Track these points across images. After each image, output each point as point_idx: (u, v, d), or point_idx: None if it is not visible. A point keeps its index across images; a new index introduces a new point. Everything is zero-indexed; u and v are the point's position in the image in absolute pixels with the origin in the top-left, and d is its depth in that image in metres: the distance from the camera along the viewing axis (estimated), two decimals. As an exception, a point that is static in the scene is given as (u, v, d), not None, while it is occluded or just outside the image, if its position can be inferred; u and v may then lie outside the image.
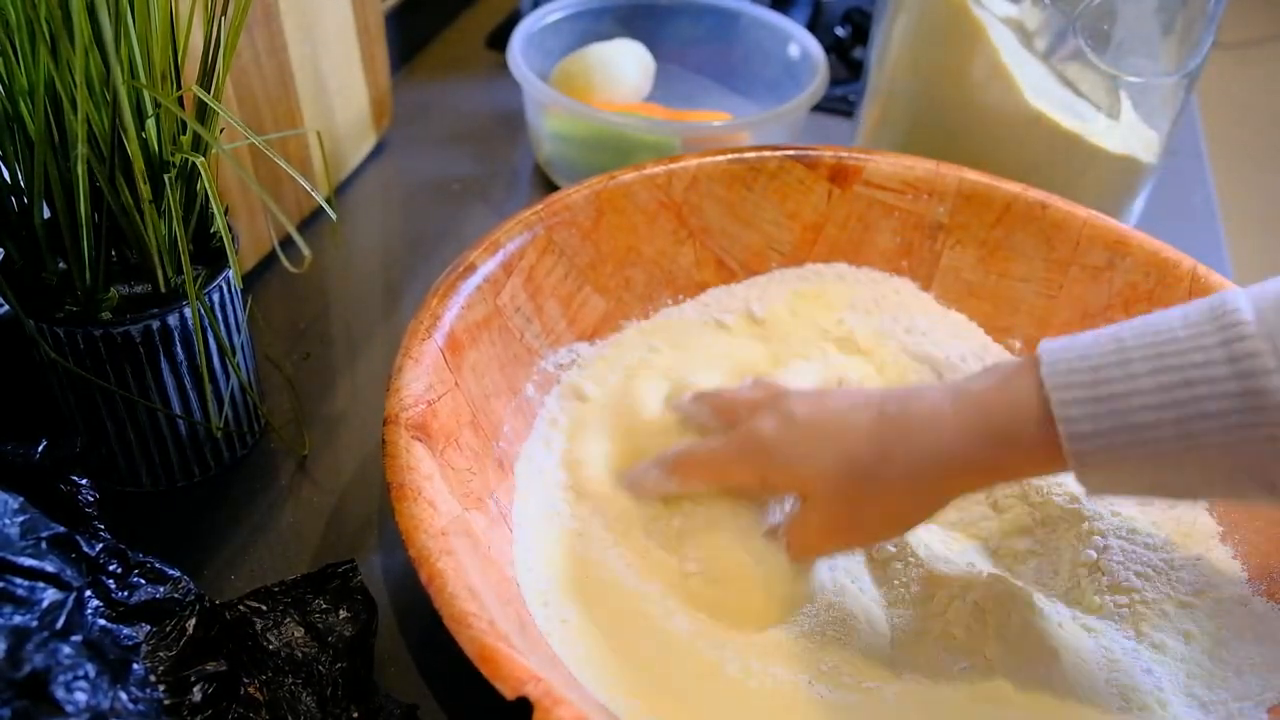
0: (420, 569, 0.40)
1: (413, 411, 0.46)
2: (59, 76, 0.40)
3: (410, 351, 0.48)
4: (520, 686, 0.36)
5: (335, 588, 0.44)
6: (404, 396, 0.46)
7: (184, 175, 0.46)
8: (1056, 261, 0.61)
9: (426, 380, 0.48)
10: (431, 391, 0.47)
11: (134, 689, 0.37)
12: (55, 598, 0.36)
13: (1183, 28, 0.65)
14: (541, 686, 0.36)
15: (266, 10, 0.62)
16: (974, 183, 0.62)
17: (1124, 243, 0.59)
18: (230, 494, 0.54)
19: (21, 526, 0.37)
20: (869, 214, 0.64)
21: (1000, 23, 0.67)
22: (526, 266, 0.56)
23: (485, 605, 0.39)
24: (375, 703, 0.42)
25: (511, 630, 0.39)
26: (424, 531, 0.41)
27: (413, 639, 0.48)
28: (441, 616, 0.38)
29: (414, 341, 0.49)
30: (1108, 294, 0.59)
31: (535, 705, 0.35)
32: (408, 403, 0.46)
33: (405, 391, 0.46)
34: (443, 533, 0.42)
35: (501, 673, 0.36)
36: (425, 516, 0.42)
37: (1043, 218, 0.61)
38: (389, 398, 0.46)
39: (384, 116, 0.80)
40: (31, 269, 0.47)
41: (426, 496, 0.43)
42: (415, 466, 0.44)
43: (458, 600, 0.39)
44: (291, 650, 0.42)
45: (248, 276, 0.66)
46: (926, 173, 0.63)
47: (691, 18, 0.85)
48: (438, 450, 0.46)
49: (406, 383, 0.47)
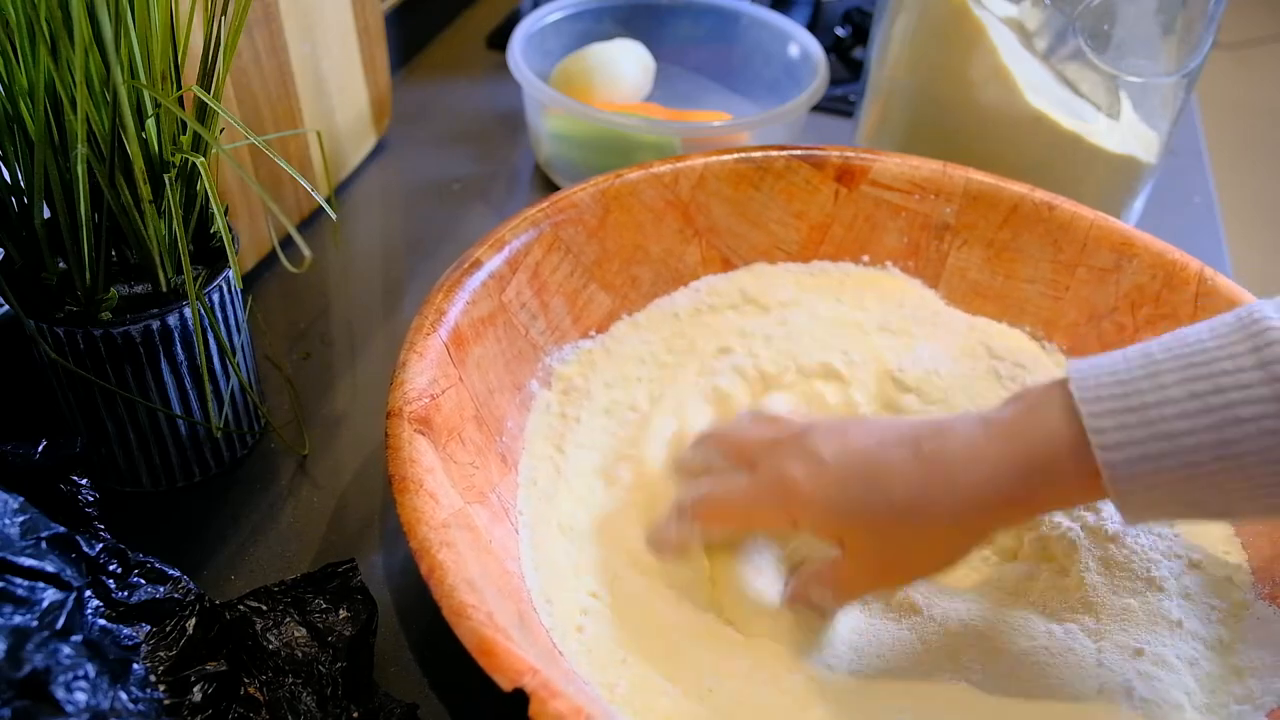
0: (420, 561, 0.40)
1: (416, 405, 0.46)
2: (59, 76, 0.40)
3: (415, 346, 0.48)
4: (518, 678, 0.36)
5: (335, 587, 0.44)
6: (407, 390, 0.46)
7: (184, 175, 0.46)
8: (1063, 263, 0.61)
9: (430, 374, 0.48)
10: (435, 386, 0.48)
11: (134, 689, 0.37)
12: (55, 598, 0.36)
13: (1183, 28, 0.65)
14: (538, 678, 0.36)
15: (266, 10, 0.62)
16: (981, 183, 0.62)
17: (1130, 244, 0.59)
18: (230, 494, 0.54)
19: (21, 526, 0.37)
20: (876, 214, 0.64)
21: (1000, 23, 0.67)
22: (532, 263, 0.56)
23: (485, 598, 0.39)
24: (375, 703, 0.42)
25: (510, 623, 0.39)
26: (425, 524, 0.41)
27: (413, 638, 0.48)
28: (441, 608, 0.39)
29: (418, 336, 0.49)
30: (1114, 295, 0.59)
31: (531, 697, 0.35)
32: (411, 396, 0.46)
33: (409, 385, 0.47)
34: (444, 525, 0.42)
35: (499, 664, 0.36)
36: (427, 509, 0.42)
37: (1050, 219, 0.61)
38: (392, 391, 0.46)
39: (384, 116, 0.80)
40: (31, 269, 0.47)
41: (428, 489, 0.43)
42: (417, 460, 0.44)
43: (457, 592, 0.39)
44: (291, 650, 0.42)
45: (248, 276, 0.66)
46: (933, 173, 0.63)
47: (691, 18, 0.85)
48: (440, 444, 0.46)
49: (410, 376, 0.47)
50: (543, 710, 0.35)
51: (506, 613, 0.40)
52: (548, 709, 0.35)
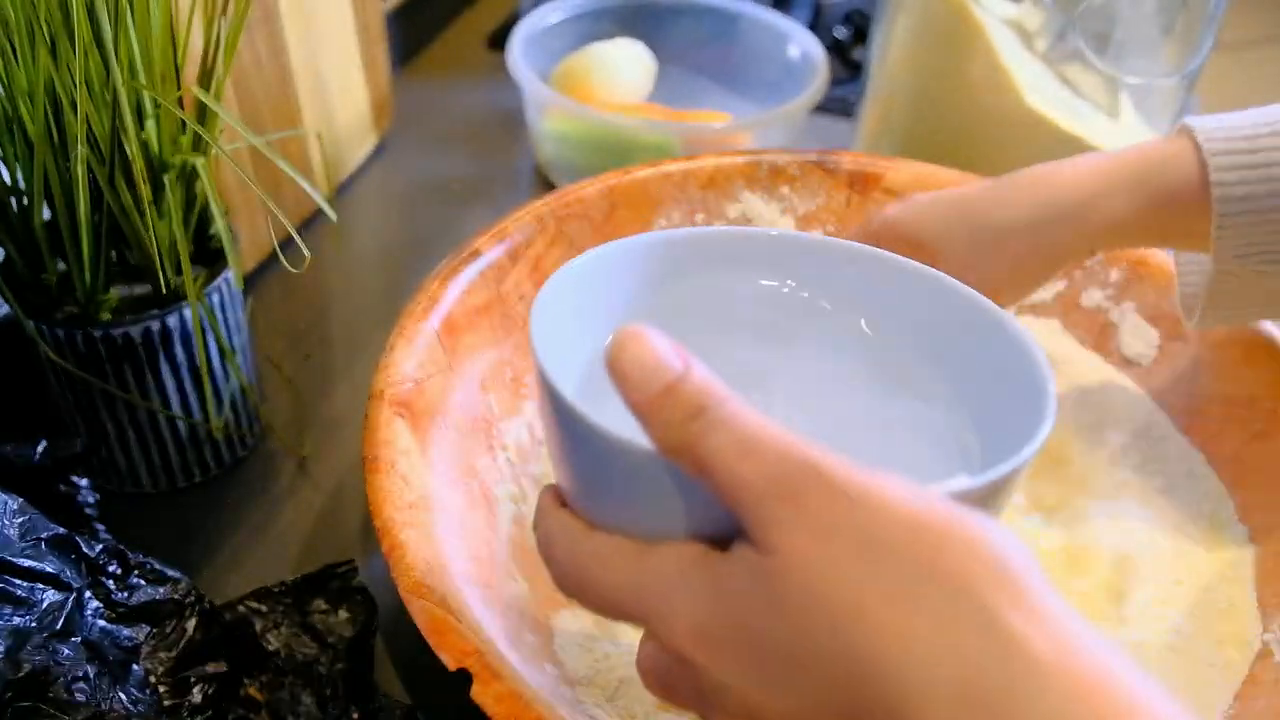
0: (382, 540, 0.41)
1: (399, 389, 0.46)
2: (59, 77, 0.40)
3: (404, 331, 0.49)
4: (462, 658, 0.37)
5: (335, 588, 0.44)
6: (392, 374, 0.47)
7: (184, 176, 0.46)
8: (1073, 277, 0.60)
9: (417, 359, 0.48)
10: (421, 370, 0.48)
11: (134, 690, 0.37)
12: (55, 598, 0.36)
13: (1183, 29, 0.65)
14: (482, 660, 0.37)
15: (266, 11, 0.62)
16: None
17: (1144, 263, 0.58)
18: (230, 495, 0.54)
19: (21, 527, 0.38)
20: None
21: (1000, 23, 0.67)
22: (534, 255, 0.56)
23: (442, 580, 0.40)
24: (375, 703, 0.42)
25: (469, 605, 0.40)
26: (391, 504, 0.42)
27: (413, 639, 0.48)
28: (397, 586, 0.39)
29: (408, 321, 0.50)
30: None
31: (475, 677, 0.36)
32: (395, 380, 0.47)
33: (394, 369, 0.47)
34: (410, 506, 0.42)
35: (445, 643, 0.37)
36: (395, 490, 0.42)
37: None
38: (376, 373, 0.47)
39: (384, 117, 0.80)
40: (31, 270, 0.47)
41: (400, 471, 0.43)
42: (392, 441, 0.44)
43: (413, 571, 0.40)
44: (291, 651, 0.42)
45: (248, 277, 0.66)
46: (950, 182, 0.62)
47: (692, 18, 0.85)
48: (419, 428, 0.46)
49: (396, 361, 0.48)
50: (484, 690, 0.36)
51: (469, 595, 0.41)
52: (489, 689, 0.36)
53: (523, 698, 0.36)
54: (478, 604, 0.41)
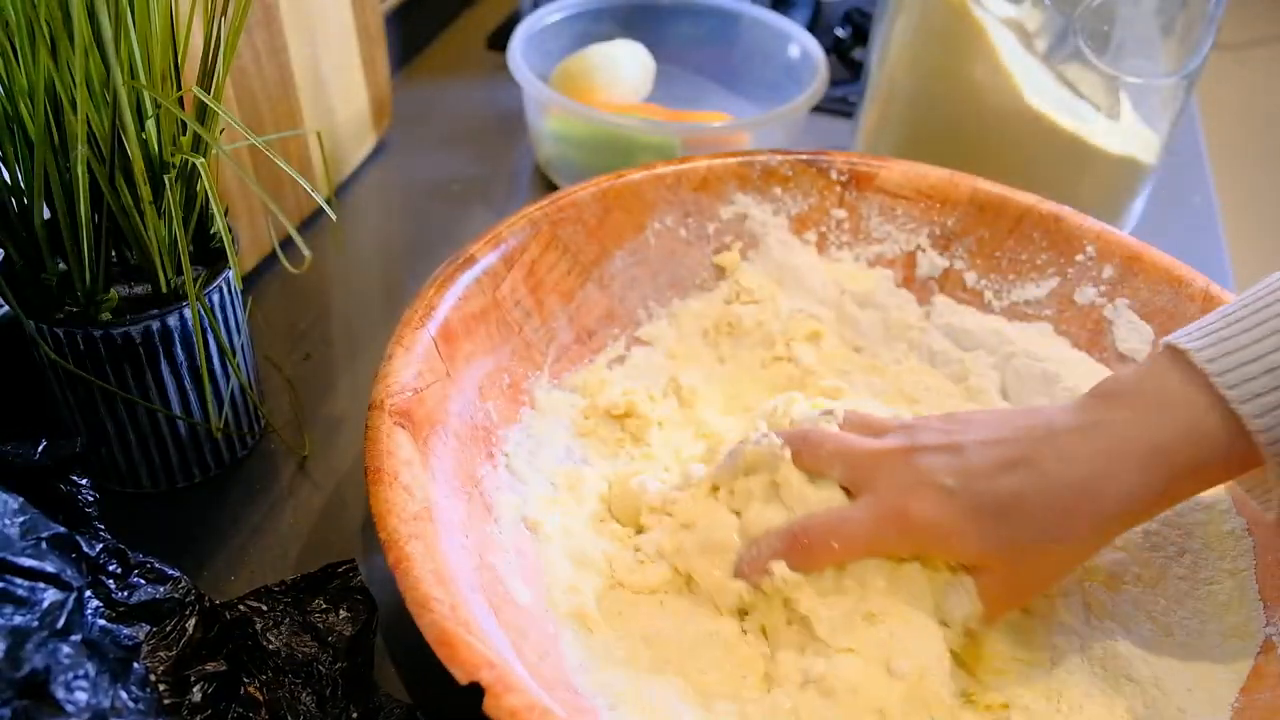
0: (388, 552, 0.41)
1: (398, 398, 0.46)
2: (59, 77, 0.40)
3: (402, 339, 0.49)
4: (474, 672, 0.36)
5: (335, 588, 0.44)
6: (391, 383, 0.47)
7: (184, 176, 0.46)
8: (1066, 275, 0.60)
9: (416, 368, 0.48)
10: (420, 379, 0.48)
11: (134, 689, 0.37)
12: (55, 598, 0.36)
13: (1182, 29, 0.65)
14: (495, 673, 0.36)
15: (266, 11, 0.62)
16: (987, 193, 0.61)
17: (1138, 259, 0.58)
18: (230, 495, 0.54)
19: (21, 527, 0.38)
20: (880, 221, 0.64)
21: (1000, 23, 0.67)
22: (528, 261, 0.56)
23: (450, 591, 0.40)
24: (375, 703, 0.42)
25: (477, 617, 0.40)
26: (396, 516, 0.42)
27: (413, 639, 0.48)
28: (405, 600, 0.39)
29: (406, 330, 0.49)
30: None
31: (486, 691, 0.36)
32: (394, 389, 0.46)
33: (393, 378, 0.47)
34: (415, 518, 0.42)
35: (456, 657, 0.37)
36: (399, 501, 0.42)
37: (1056, 231, 0.60)
38: (376, 383, 0.47)
39: (384, 117, 0.80)
40: (31, 270, 0.47)
41: (403, 482, 0.43)
42: (394, 452, 0.44)
43: (421, 584, 0.39)
44: (291, 650, 0.42)
45: (248, 277, 0.66)
46: (940, 180, 0.62)
47: (692, 18, 0.85)
48: (420, 437, 0.46)
49: (395, 369, 0.47)
50: (497, 704, 0.36)
51: (476, 606, 0.40)
52: (502, 703, 0.36)
53: (536, 708, 0.36)
54: (484, 614, 0.41)
